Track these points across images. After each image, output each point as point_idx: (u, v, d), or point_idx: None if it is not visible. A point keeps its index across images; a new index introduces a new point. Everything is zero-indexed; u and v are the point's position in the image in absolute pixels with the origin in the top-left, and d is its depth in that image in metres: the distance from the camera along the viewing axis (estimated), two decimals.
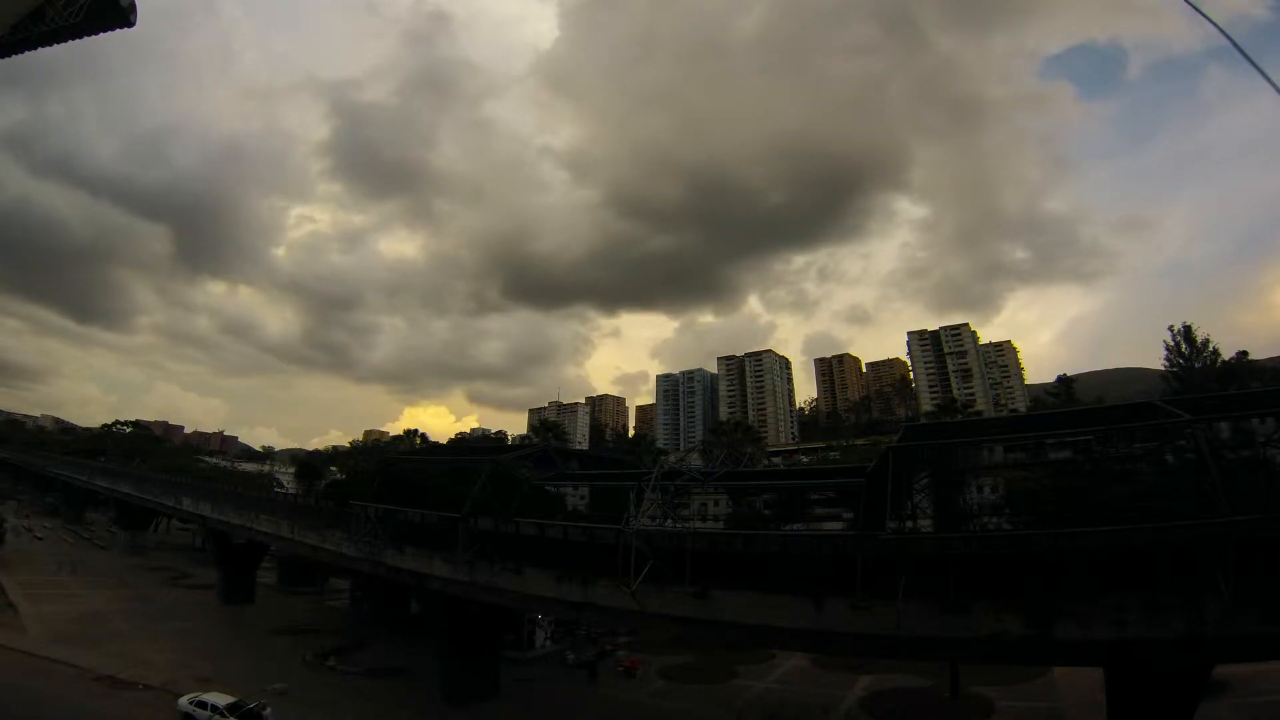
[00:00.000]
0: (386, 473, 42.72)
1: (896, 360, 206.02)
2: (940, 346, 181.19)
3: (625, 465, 49.62)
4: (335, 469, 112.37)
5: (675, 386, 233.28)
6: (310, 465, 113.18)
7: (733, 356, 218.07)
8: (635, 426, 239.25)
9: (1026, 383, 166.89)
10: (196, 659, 37.36)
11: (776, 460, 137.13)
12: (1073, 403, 75.62)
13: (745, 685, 36.18)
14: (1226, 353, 59.83)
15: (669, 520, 30.29)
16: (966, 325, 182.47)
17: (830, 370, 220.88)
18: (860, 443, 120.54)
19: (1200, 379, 56.74)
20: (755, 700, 33.81)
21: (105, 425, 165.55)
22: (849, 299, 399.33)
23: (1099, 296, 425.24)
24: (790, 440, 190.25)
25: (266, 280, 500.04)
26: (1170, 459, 24.46)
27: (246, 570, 56.24)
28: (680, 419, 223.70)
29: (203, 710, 27.57)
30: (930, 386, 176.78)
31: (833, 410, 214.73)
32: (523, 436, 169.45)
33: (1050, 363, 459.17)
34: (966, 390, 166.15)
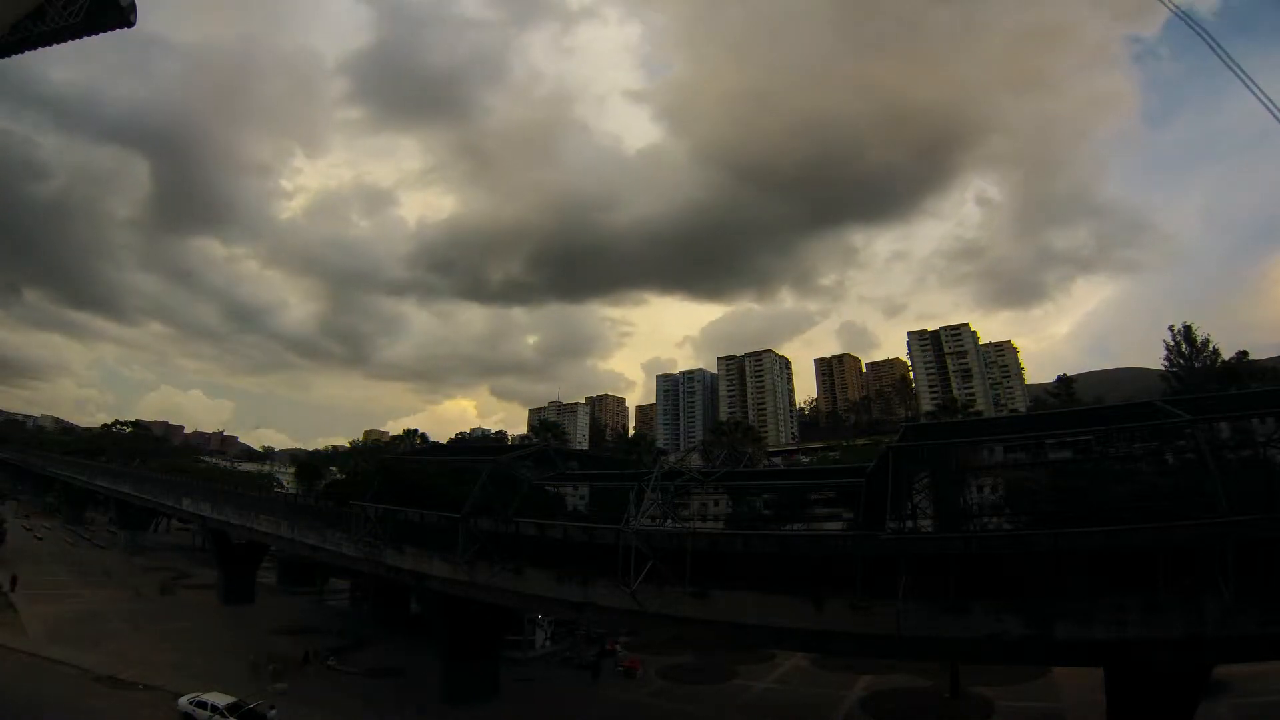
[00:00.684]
0: (386, 473, 42.70)
1: (896, 360, 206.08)
2: (940, 346, 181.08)
3: (625, 465, 49.63)
4: (335, 469, 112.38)
5: (675, 386, 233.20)
6: (310, 465, 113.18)
7: (733, 356, 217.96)
8: (635, 426, 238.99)
9: (1026, 383, 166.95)
10: (196, 659, 37.37)
11: (776, 460, 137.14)
12: (1073, 403, 75.62)
13: (745, 685, 36.19)
14: (1227, 353, 59.98)
15: (669, 520, 30.27)
16: (966, 325, 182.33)
17: (830, 370, 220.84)
18: (860, 443, 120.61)
19: (1200, 379, 56.75)
20: (755, 700, 33.82)
21: (105, 425, 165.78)
22: (896, 288, 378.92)
23: (1104, 293, 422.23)
24: (790, 440, 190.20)
25: (270, 243, 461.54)
26: (1170, 459, 24.44)
27: (246, 570, 56.27)
28: (680, 419, 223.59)
29: (203, 710, 27.58)
30: (930, 386, 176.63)
31: (833, 410, 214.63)
32: (522, 436, 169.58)
33: (1049, 363, 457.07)
34: (966, 390, 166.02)
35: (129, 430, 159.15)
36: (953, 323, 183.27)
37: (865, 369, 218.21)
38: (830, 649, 27.33)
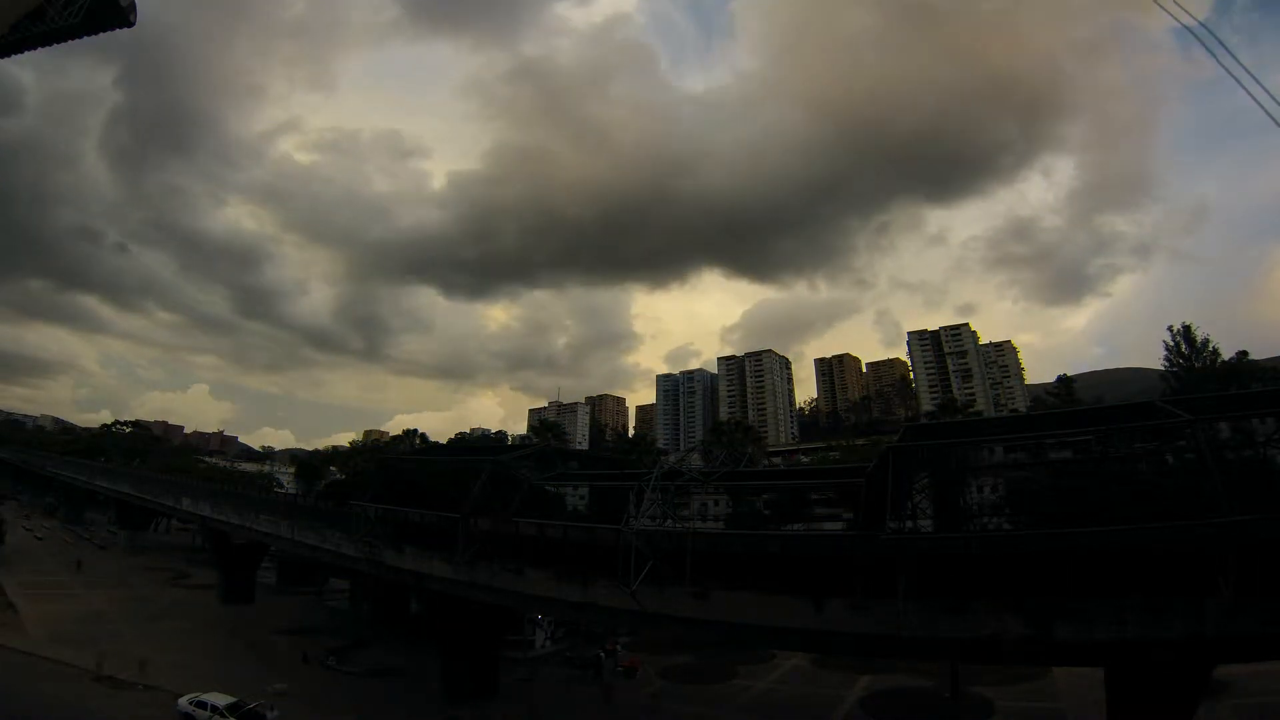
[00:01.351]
0: (386, 473, 42.70)
1: (896, 360, 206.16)
2: (940, 346, 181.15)
3: (625, 465, 49.61)
4: (335, 469, 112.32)
5: (675, 386, 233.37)
6: (310, 465, 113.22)
7: (733, 356, 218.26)
8: (635, 426, 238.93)
9: (1026, 383, 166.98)
10: (196, 659, 37.35)
11: (776, 460, 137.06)
12: (1073, 403, 75.58)
13: (745, 685, 36.16)
14: (1226, 352, 59.94)
15: (669, 520, 30.26)
16: (966, 325, 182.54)
17: (830, 370, 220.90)
18: (860, 443, 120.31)
19: (1200, 379, 56.73)
20: (755, 700, 33.80)
21: (105, 425, 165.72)
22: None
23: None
24: (790, 440, 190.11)
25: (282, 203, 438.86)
26: (1170, 459, 24.43)
27: (246, 570, 56.23)
28: (680, 419, 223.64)
29: (203, 710, 27.56)
30: (930, 386, 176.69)
31: (833, 410, 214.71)
32: (523, 436, 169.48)
33: (1051, 362, 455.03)
34: (966, 390, 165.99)
35: (129, 430, 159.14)
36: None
37: (865, 369, 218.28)
38: (830, 649, 27.36)
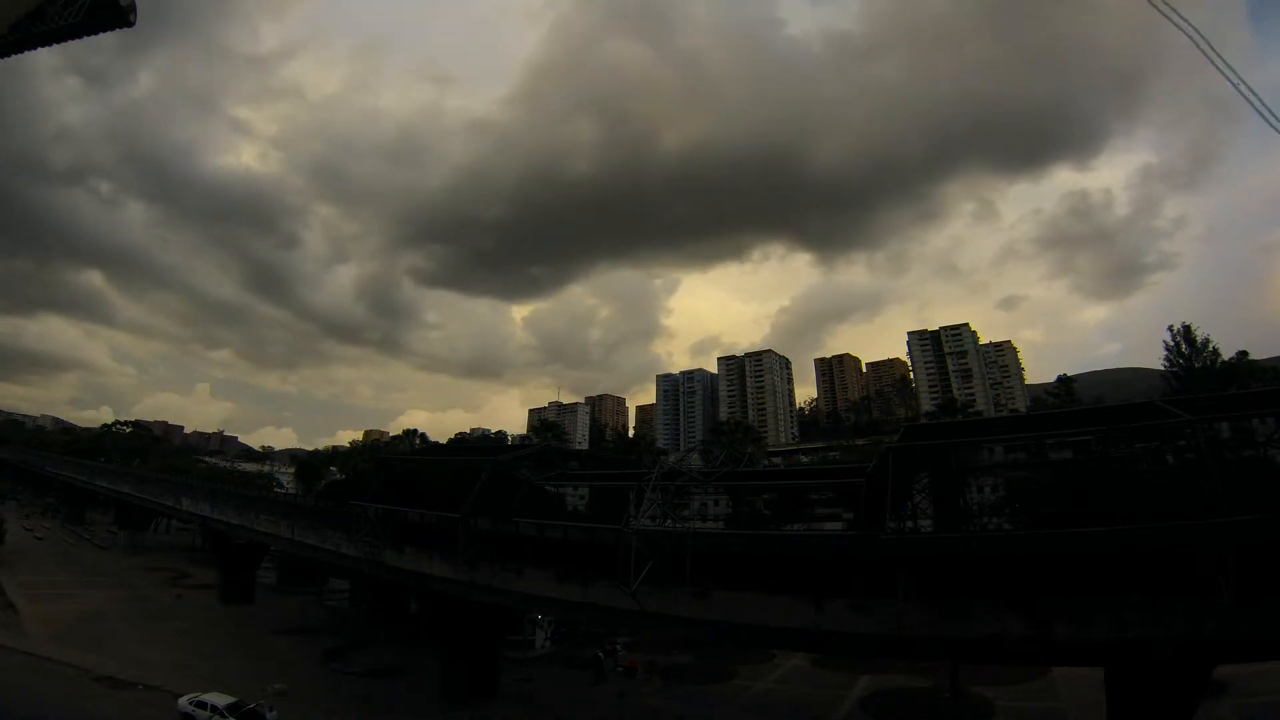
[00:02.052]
0: (386, 473, 42.65)
1: (896, 360, 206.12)
2: (940, 346, 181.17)
3: (625, 465, 49.55)
4: (335, 469, 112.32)
5: (675, 386, 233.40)
6: (310, 465, 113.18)
7: (732, 356, 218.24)
8: (635, 426, 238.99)
9: (1026, 383, 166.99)
10: (196, 659, 37.35)
11: (776, 460, 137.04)
12: (1073, 403, 75.59)
13: (745, 685, 36.17)
14: (1227, 353, 59.97)
15: (669, 520, 30.25)
16: (967, 325, 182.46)
17: (830, 370, 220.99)
18: (860, 443, 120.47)
19: (1200, 379, 56.74)
20: (755, 700, 33.79)
21: (105, 425, 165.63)
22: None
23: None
24: (790, 440, 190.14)
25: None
26: (1170, 459, 24.43)
27: (246, 570, 56.21)
28: (680, 419, 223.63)
29: (203, 710, 27.55)
30: (930, 386, 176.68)
31: (833, 410, 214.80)
32: (522, 437, 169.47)
33: (1050, 363, 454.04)
34: (966, 390, 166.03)
35: (129, 430, 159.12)
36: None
37: (865, 369, 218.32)
38: (830, 649, 27.34)
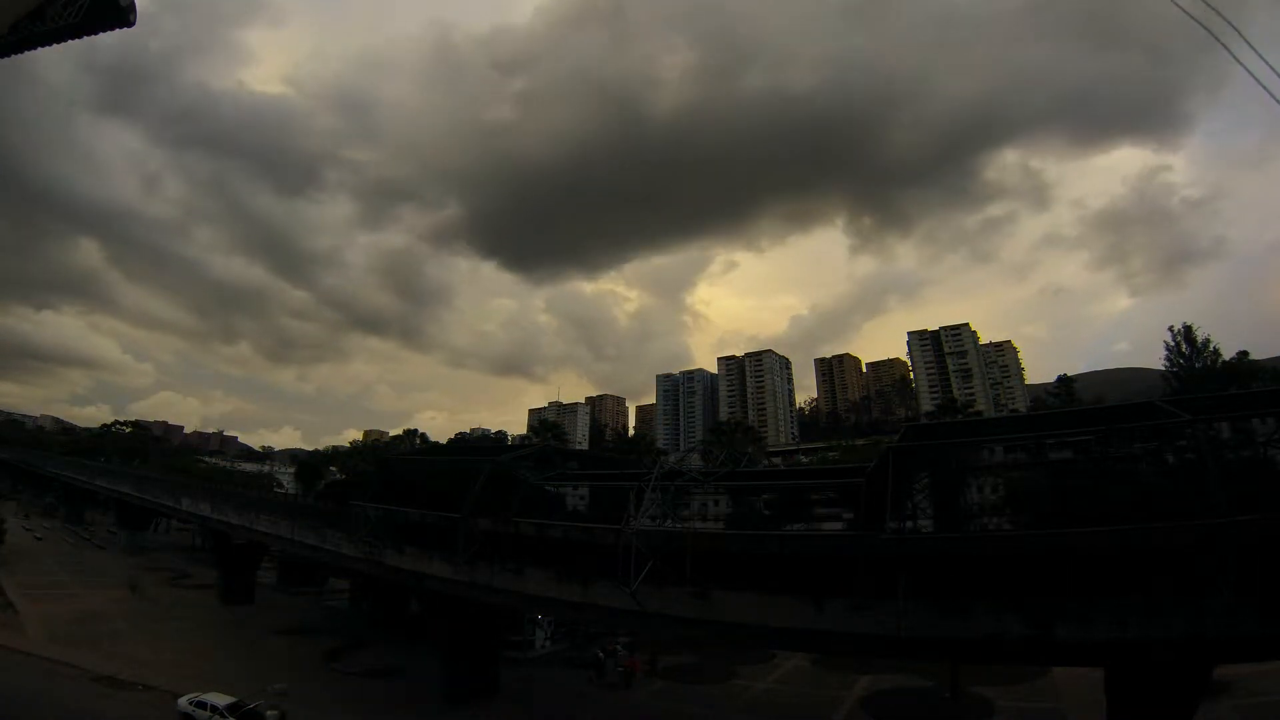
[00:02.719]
0: (385, 473, 42.66)
1: (896, 360, 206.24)
2: (940, 346, 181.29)
3: (625, 465, 49.58)
4: (334, 469, 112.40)
5: (675, 387, 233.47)
6: (310, 466, 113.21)
7: (732, 357, 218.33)
8: (635, 426, 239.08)
9: (1026, 383, 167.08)
10: (196, 659, 37.36)
11: (776, 460, 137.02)
12: (1073, 403, 75.61)
13: (745, 685, 36.16)
14: (1227, 352, 59.96)
15: (669, 520, 30.24)
16: (967, 325, 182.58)
17: (830, 370, 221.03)
18: (860, 443, 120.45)
19: (1200, 379, 56.73)
20: (755, 700, 33.79)
21: (105, 425, 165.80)
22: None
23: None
24: (790, 440, 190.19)
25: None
26: (1170, 459, 24.42)
27: (246, 570, 56.22)
28: (680, 419, 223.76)
29: (202, 710, 27.55)
30: (930, 386, 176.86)
31: (833, 410, 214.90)
32: (522, 437, 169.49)
33: (1050, 363, 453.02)
34: (966, 390, 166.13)
35: (129, 430, 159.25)
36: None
37: (865, 369, 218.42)
38: (830, 649, 27.33)
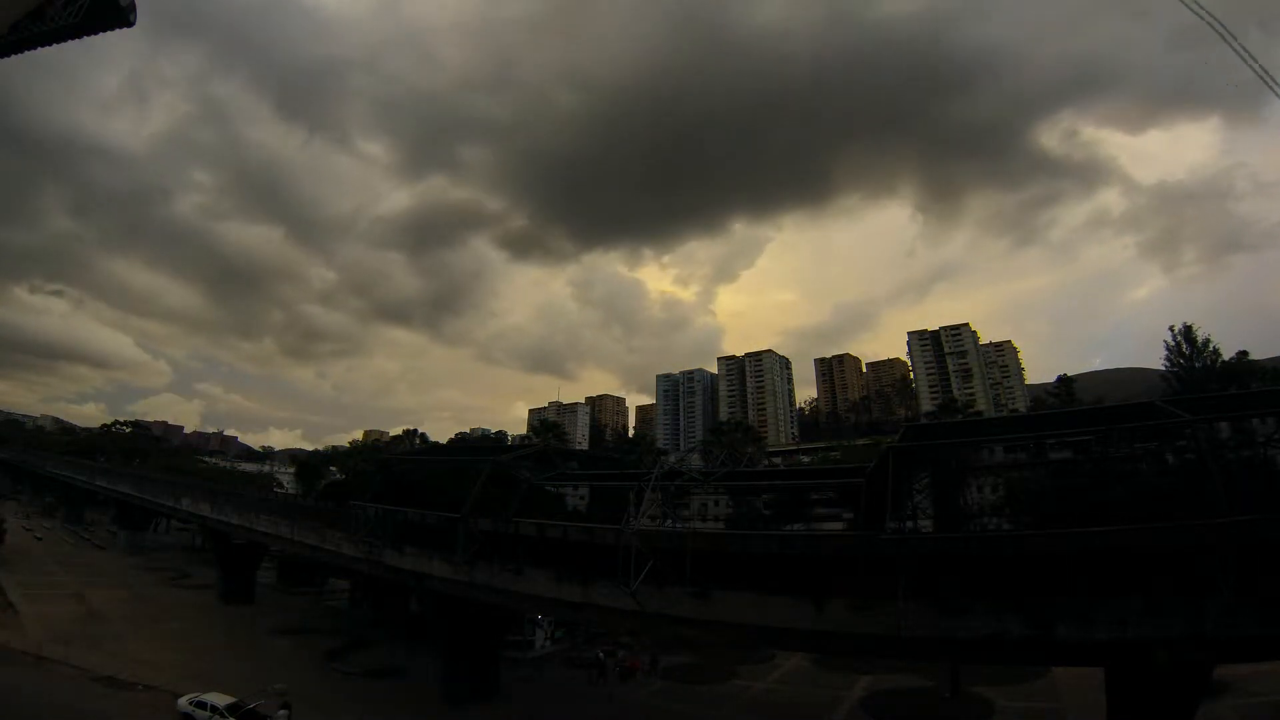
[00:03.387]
0: (385, 473, 42.64)
1: (896, 360, 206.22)
2: (940, 346, 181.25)
3: (625, 465, 49.61)
4: (334, 469, 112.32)
5: (675, 387, 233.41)
6: (310, 465, 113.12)
7: (733, 357, 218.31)
8: (635, 426, 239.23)
9: (1026, 383, 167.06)
10: (196, 659, 37.35)
11: (777, 460, 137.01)
12: (1073, 403, 75.62)
13: (745, 685, 36.17)
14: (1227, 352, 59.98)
15: (669, 520, 30.26)
16: (967, 325, 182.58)
17: (830, 370, 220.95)
18: (860, 443, 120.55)
19: (1200, 379, 56.74)
20: (755, 700, 33.79)
21: (105, 425, 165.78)
22: None
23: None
24: (790, 440, 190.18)
25: None
26: (1170, 459, 24.41)
27: (246, 570, 56.23)
28: (680, 419, 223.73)
29: (202, 710, 27.55)
30: (930, 386, 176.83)
31: (833, 410, 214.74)
32: (522, 437, 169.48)
33: (1050, 363, 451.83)
34: (966, 390, 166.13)
35: (128, 430, 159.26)
36: None
37: (865, 369, 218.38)
38: (830, 649, 27.33)
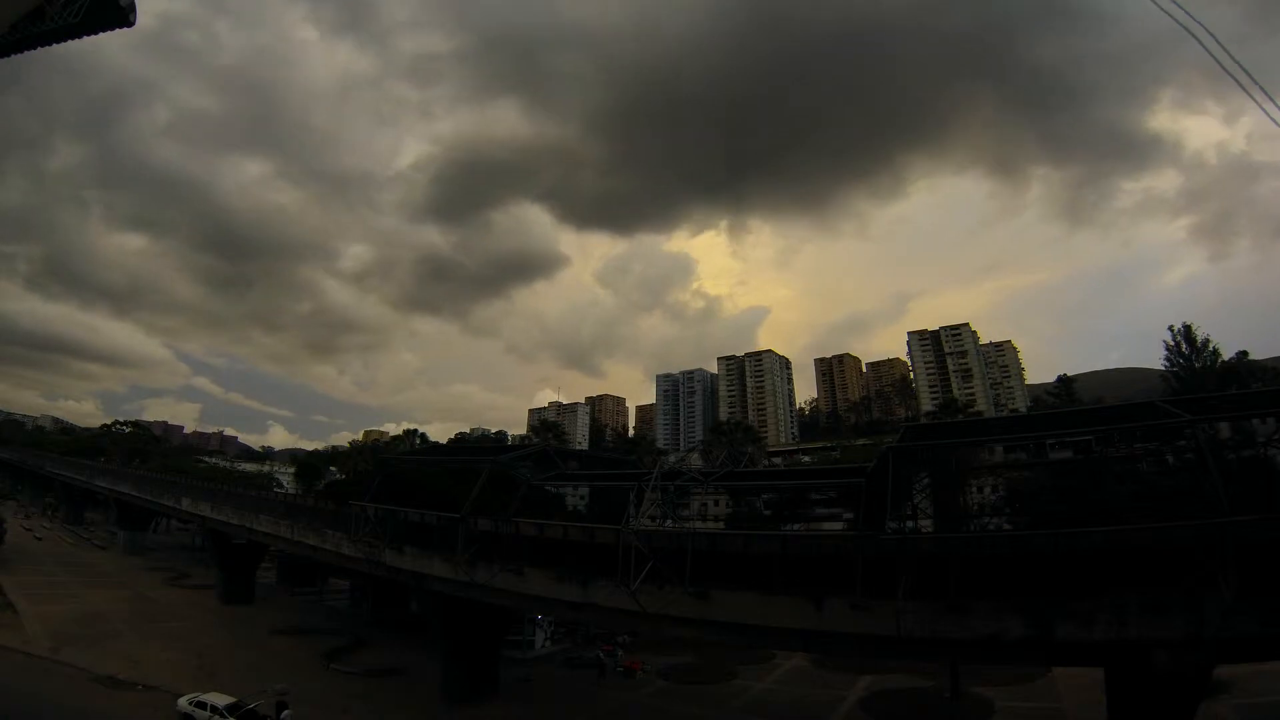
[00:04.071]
0: (385, 473, 42.65)
1: (896, 360, 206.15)
2: (940, 346, 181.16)
3: (625, 465, 49.62)
4: (334, 469, 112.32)
5: (675, 386, 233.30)
6: (310, 466, 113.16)
7: (733, 357, 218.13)
8: (635, 426, 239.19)
9: (1026, 383, 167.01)
10: (196, 659, 37.34)
11: (777, 460, 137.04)
12: (1073, 403, 75.65)
13: (745, 685, 36.17)
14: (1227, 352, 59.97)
15: (669, 520, 30.27)
16: (967, 325, 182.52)
17: (830, 370, 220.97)
18: (860, 443, 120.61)
19: (1200, 379, 56.74)
20: (755, 700, 33.79)
21: (105, 425, 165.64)
22: None
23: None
24: (790, 440, 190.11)
25: None
26: (1170, 459, 24.44)
27: (246, 570, 56.21)
28: (680, 419, 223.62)
29: (202, 710, 27.53)
30: (930, 386, 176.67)
31: (833, 410, 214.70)
32: (523, 437, 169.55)
33: (1050, 362, 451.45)
34: (966, 390, 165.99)
35: (129, 430, 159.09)
36: None
37: (865, 369, 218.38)
38: (830, 649, 27.22)
